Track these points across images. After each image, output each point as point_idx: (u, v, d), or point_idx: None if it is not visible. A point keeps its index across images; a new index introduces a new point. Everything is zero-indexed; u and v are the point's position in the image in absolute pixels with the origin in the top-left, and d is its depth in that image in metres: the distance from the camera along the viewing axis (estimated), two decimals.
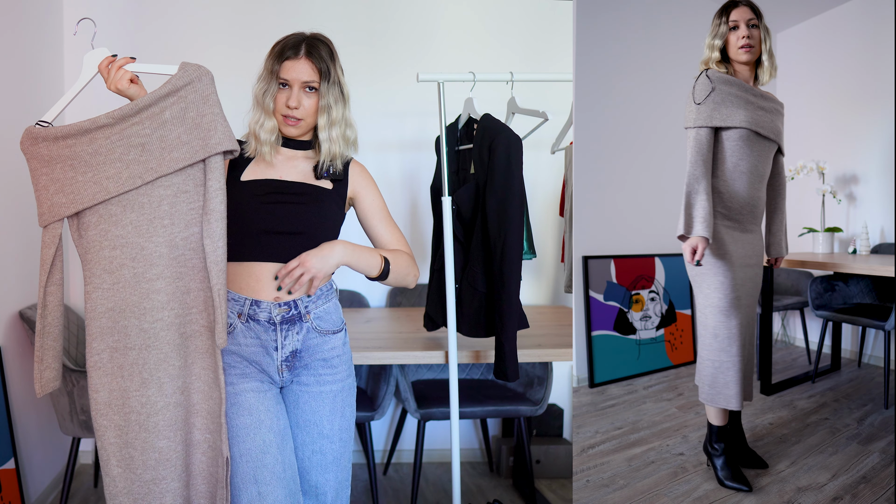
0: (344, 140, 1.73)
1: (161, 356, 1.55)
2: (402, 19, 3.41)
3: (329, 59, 1.70)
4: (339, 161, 1.74)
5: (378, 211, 1.81)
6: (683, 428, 2.74)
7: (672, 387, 3.33)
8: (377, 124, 3.37)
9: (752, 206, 2.06)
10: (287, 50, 1.69)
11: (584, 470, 2.40)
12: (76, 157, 1.53)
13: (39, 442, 2.82)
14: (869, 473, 2.27)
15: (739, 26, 1.98)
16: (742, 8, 2.00)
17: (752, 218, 2.09)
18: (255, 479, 1.57)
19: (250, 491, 1.57)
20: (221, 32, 3.25)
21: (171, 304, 1.56)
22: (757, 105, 2.02)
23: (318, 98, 1.68)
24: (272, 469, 1.59)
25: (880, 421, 2.76)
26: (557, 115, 2.70)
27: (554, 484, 3.17)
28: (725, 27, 2.00)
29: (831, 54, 3.78)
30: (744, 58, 2.00)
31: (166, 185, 1.55)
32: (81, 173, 1.53)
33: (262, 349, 1.67)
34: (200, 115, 1.56)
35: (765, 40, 1.99)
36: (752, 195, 2.04)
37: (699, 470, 2.35)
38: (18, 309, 2.66)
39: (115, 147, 1.54)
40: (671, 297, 3.73)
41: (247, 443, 1.60)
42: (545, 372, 2.86)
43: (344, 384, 1.75)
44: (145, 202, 1.55)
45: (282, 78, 1.68)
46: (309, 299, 1.69)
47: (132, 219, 1.55)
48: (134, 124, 1.55)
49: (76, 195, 1.53)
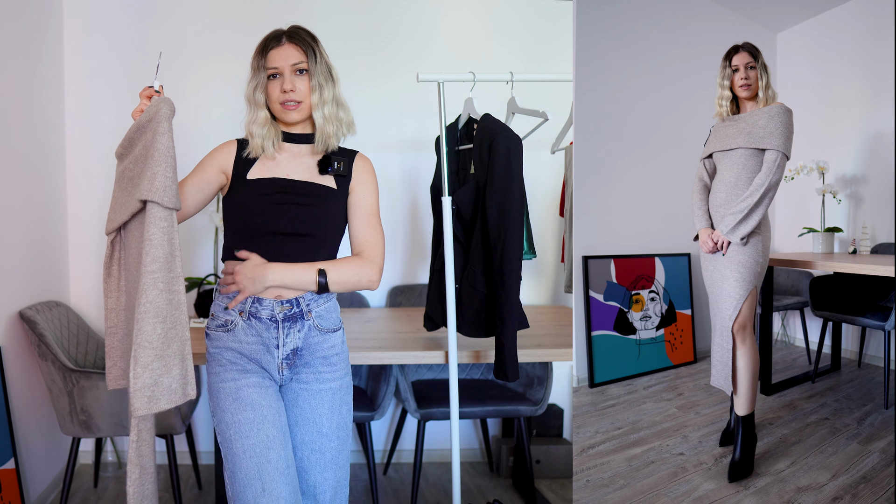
0: (337, 120, 1.73)
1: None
2: (402, 20, 3.41)
3: (312, 41, 1.72)
4: (334, 140, 1.74)
5: (363, 209, 1.77)
6: (683, 428, 2.74)
7: (672, 387, 3.33)
8: (377, 124, 3.37)
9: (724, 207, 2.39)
10: (270, 42, 1.71)
11: (584, 470, 2.40)
12: (118, 179, 1.65)
13: (39, 442, 2.82)
14: (869, 473, 2.27)
15: (739, 69, 2.38)
16: (741, 53, 2.39)
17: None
18: (259, 474, 1.57)
19: (254, 486, 1.57)
20: (222, 38, 3.25)
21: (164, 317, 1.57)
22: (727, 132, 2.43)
23: (309, 77, 1.69)
24: (276, 464, 1.59)
25: (880, 421, 2.76)
26: (557, 115, 2.70)
27: (554, 484, 3.17)
28: (729, 70, 2.41)
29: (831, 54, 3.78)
30: (743, 94, 2.41)
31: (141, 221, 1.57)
32: (115, 197, 1.65)
33: (263, 347, 1.67)
34: (147, 158, 1.56)
35: (761, 77, 2.39)
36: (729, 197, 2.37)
37: (699, 470, 2.35)
38: (18, 309, 2.66)
39: (123, 175, 1.63)
40: (671, 297, 3.73)
41: (250, 438, 1.60)
42: (545, 372, 2.86)
43: (342, 382, 1.75)
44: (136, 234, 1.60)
45: (270, 68, 1.69)
46: (310, 297, 1.69)
47: (133, 248, 1.61)
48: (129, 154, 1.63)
49: (111, 215, 1.65)
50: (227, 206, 1.72)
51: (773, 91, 2.43)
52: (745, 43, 2.42)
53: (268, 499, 1.56)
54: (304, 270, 1.67)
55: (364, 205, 1.77)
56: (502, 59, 3.41)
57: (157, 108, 1.55)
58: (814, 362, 3.41)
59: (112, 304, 1.68)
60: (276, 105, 1.70)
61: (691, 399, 3.11)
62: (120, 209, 1.61)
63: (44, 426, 2.87)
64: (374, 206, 1.79)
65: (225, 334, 1.68)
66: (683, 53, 3.62)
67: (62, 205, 3.17)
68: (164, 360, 1.51)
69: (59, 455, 3.04)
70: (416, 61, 3.36)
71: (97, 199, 3.20)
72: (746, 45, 2.41)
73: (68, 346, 2.81)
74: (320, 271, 1.67)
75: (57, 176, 3.11)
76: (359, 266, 1.72)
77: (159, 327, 1.50)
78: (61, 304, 2.95)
